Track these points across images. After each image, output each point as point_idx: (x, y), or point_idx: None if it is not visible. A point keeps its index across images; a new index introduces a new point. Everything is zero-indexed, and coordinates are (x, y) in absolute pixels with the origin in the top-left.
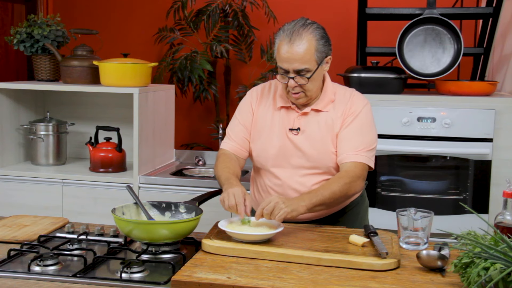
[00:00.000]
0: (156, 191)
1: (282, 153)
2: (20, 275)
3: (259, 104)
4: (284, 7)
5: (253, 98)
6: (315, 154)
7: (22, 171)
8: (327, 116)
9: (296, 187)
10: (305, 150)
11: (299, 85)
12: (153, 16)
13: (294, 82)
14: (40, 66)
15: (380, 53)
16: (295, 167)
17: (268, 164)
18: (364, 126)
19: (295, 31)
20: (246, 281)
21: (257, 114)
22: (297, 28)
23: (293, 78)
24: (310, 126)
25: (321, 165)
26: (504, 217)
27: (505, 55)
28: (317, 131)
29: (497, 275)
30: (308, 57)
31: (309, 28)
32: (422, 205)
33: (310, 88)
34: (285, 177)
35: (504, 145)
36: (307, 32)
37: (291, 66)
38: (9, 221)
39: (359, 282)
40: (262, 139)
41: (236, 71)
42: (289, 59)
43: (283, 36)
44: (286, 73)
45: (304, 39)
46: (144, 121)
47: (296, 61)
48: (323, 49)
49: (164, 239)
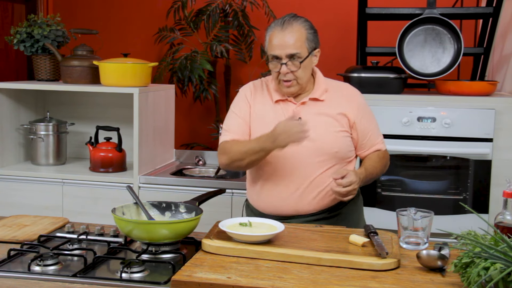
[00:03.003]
0: (156, 191)
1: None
2: (20, 275)
3: (254, 98)
4: (284, 7)
5: (247, 92)
6: (319, 142)
7: (22, 171)
8: (325, 104)
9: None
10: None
11: (291, 71)
12: (153, 16)
13: (286, 68)
14: (40, 66)
15: (380, 53)
16: (298, 158)
17: (270, 157)
18: (371, 114)
19: (286, 21)
20: (246, 281)
21: (254, 108)
22: (288, 18)
23: (285, 64)
24: (310, 115)
25: (326, 153)
26: (504, 217)
27: (505, 55)
28: (319, 120)
29: (497, 275)
30: (300, 44)
31: (299, 19)
32: (422, 205)
33: (302, 75)
34: (289, 169)
35: (504, 145)
36: (298, 23)
37: (284, 52)
38: (9, 221)
39: (359, 282)
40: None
41: (236, 71)
42: (282, 45)
43: (274, 27)
44: (278, 60)
45: (295, 28)
46: (144, 121)
47: (288, 47)
48: (313, 39)
49: (164, 239)
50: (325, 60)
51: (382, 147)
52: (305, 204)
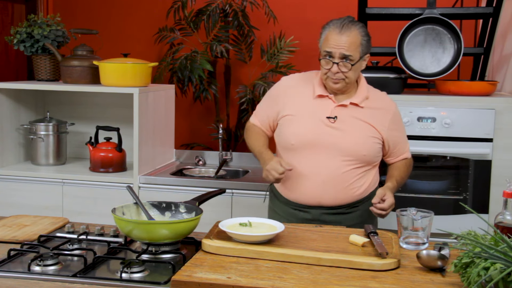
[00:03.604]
0: (156, 191)
1: (316, 138)
2: (20, 275)
3: (296, 89)
4: (284, 7)
5: (289, 84)
6: (349, 143)
7: (22, 171)
8: (364, 111)
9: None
10: (340, 138)
11: (341, 71)
12: (153, 16)
13: (337, 68)
14: (40, 66)
15: (380, 53)
16: (327, 153)
17: (300, 146)
18: (402, 124)
19: (345, 24)
20: (246, 281)
21: (293, 100)
22: (347, 22)
23: (337, 64)
24: (347, 117)
25: (354, 154)
26: (504, 217)
27: (505, 55)
28: (353, 123)
29: (497, 275)
30: (354, 47)
31: (357, 24)
32: (422, 205)
33: (350, 76)
34: (316, 161)
35: (504, 145)
36: (356, 27)
37: (338, 51)
38: (9, 221)
39: (359, 282)
40: (296, 122)
41: (236, 71)
42: (338, 45)
43: (333, 27)
44: (331, 58)
45: (353, 32)
46: (144, 121)
47: (343, 47)
48: (366, 45)
49: (164, 239)
50: None
51: (409, 155)
52: (327, 197)
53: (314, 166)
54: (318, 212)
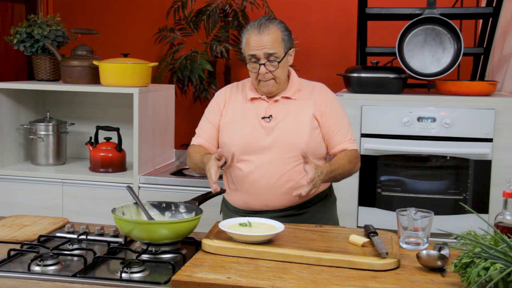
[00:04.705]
0: (156, 191)
1: (255, 141)
2: (20, 275)
3: (229, 99)
4: (284, 7)
5: (221, 97)
6: (288, 138)
7: (22, 171)
8: (297, 103)
9: (270, 173)
10: (278, 135)
11: (269, 71)
12: (153, 16)
13: (265, 68)
14: (40, 66)
15: (380, 53)
16: (269, 154)
17: (240, 152)
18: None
19: (262, 23)
20: (246, 281)
21: (227, 110)
22: (264, 21)
23: (263, 65)
24: (281, 113)
25: (295, 149)
26: (504, 217)
27: (505, 55)
28: (288, 117)
29: (497, 275)
30: (277, 44)
31: (275, 21)
32: (422, 205)
33: (280, 75)
34: (258, 164)
35: (504, 145)
36: (273, 24)
37: (262, 51)
38: (9, 221)
39: (359, 282)
40: (233, 129)
41: (236, 71)
42: (260, 45)
43: (251, 29)
44: (257, 61)
45: (272, 29)
46: (144, 121)
47: (265, 47)
48: (288, 39)
49: (164, 239)
50: (325, 60)
51: (349, 146)
52: (274, 199)
53: (257, 169)
54: (268, 216)
